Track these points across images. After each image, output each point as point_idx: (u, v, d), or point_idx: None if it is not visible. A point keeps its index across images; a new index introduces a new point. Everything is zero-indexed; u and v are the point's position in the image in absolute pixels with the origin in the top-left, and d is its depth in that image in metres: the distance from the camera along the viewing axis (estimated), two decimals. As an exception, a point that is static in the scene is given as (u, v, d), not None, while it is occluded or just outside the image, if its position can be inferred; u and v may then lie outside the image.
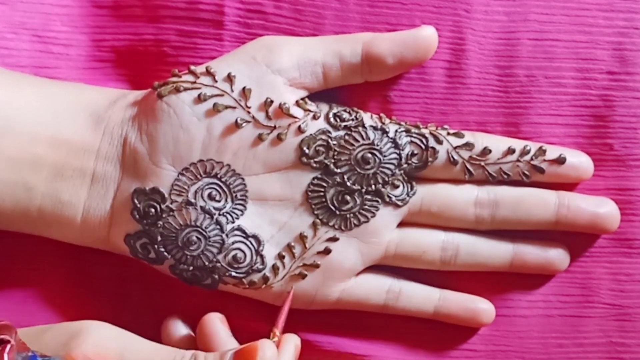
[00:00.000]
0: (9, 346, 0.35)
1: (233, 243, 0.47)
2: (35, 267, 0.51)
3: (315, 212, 0.48)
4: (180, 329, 0.50)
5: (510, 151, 0.49)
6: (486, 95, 0.51)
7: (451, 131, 0.49)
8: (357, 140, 0.48)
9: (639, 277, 0.51)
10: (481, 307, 0.50)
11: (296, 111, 0.47)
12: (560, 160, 0.49)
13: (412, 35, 0.49)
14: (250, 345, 0.43)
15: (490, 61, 0.51)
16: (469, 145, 0.49)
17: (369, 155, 0.48)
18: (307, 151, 0.47)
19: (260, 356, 0.42)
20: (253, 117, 0.47)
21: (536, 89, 0.51)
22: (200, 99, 0.47)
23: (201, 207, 0.47)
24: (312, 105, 0.48)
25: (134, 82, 0.53)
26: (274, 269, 0.48)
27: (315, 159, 0.48)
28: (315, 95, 0.49)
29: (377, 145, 0.48)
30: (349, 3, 0.50)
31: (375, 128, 0.48)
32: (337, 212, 0.48)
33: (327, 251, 0.48)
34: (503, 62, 0.51)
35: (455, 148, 0.49)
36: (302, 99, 0.48)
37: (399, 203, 0.49)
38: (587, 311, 0.51)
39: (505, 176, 0.49)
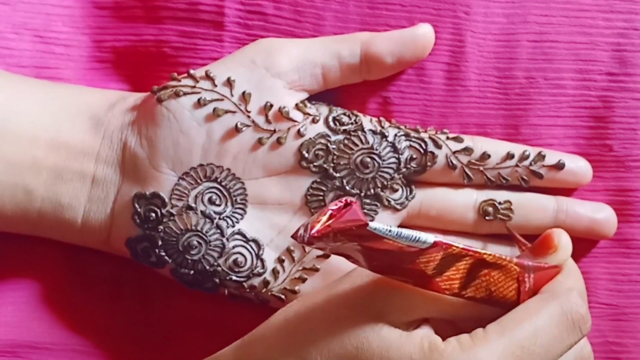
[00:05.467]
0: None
1: (233, 247, 0.48)
2: (32, 267, 0.51)
3: None
4: None
5: (509, 156, 0.49)
6: (485, 97, 0.51)
7: (450, 135, 0.49)
8: (356, 145, 0.48)
9: (636, 277, 0.51)
10: None
11: (296, 115, 0.48)
12: (559, 166, 0.49)
13: (410, 34, 0.49)
14: (543, 236, 0.43)
15: (490, 63, 0.51)
16: (468, 150, 0.49)
17: (368, 159, 0.48)
18: (306, 155, 0.48)
19: (557, 240, 0.43)
20: (253, 121, 0.47)
21: (535, 91, 0.51)
22: (200, 103, 0.47)
23: (201, 211, 0.47)
24: (311, 109, 0.48)
25: (135, 83, 0.53)
26: (274, 272, 0.48)
27: (315, 163, 0.48)
28: (314, 96, 0.50)
29: (376, 150, 0.48)
30: (349, 5, 0.51)
31: (374, 132, 0.48)
32: None
33: (326, 255, 0.48)
34: (502, 64, 0.51)
35: (454, 153, 0.49)
36: (302, 101, 0.48)
37: (398, 207, 0.49)
38: (583, 311, 0.51)
39: (504, 181, 0.49)
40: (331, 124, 0.48)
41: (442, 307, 0.41)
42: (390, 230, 0.37)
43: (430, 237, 0.38)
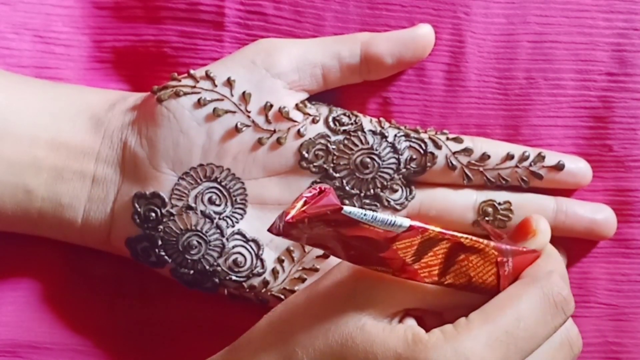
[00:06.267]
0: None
1: (233, 247, 0.48)
2: (32, 267, 0.51)
3: None
4: None
5: (509, 157, 0.49)
6: (485, 97, 0.51)
7: (450, 136, 0.49)
8: (356, 145, 0.48)
9: (636, 277, 0.51)
10: None
11: (295, 115, 0.48)
12: (559, 167, 0.49)
13: (410, 34, 0.50)
14: (522, 221, 0.43)
15: (490, 64, 0.51)
16: (467, 151, 0.49)
17: (368, 160, 0.48)
18: (306, 155, 0.48)
19: (535, 224, 0.43)
20: (253, 121, 0.47)
21: (535, 91, 0.51)
22: (200, 103, 0.47)
23: (201, 211, 0.48)
24: (311, 109, 0.48)
25: (135, 83, 0.53)
26: (274, 272, 0.48)
27: (315, 164, 0.48)
28: (314, 96, 0.50)
29: (376, 150, 0.48)
30: (349, 5, 0.51)
31: (374, 132, 0.48)
32: None
33: (326, 255, 0.48)
34: (502, 65, 0.51)
35: (454, 153, 0.49)
36: (302, 102, 0.48)
37: (398, 207, 0.49)
38: (583, 311, 0.51)
39: (504, 182, 0.49)
40: (331, 124, 0.48)
41: (423, 297, 0.41)
42: (365, 214, 0.37)
43: (405, 221, 0.38)
